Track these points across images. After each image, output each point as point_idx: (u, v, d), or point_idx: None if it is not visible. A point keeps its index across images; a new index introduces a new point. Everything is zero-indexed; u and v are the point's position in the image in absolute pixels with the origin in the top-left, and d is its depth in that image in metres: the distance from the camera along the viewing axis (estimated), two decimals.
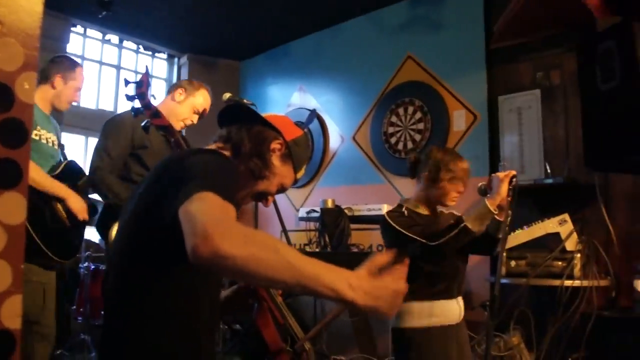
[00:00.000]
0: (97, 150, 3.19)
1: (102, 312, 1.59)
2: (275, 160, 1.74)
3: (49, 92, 3.33)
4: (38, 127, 3.18)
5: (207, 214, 1.20)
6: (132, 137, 3.14)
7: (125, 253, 1.55)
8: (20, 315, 1.03)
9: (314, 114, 3.50)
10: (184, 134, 3.30)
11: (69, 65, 3.44)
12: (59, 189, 3.12)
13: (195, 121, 3.39)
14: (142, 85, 2.18)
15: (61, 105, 3.40)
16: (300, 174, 1.83)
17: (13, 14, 0.99)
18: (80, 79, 3.46)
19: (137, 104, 2.19)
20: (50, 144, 3.30)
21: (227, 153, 1.69)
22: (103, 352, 1.56)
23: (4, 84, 0.98)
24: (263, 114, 1.83)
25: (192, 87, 3.38)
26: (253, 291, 1.90)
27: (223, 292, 2.00)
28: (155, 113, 2.18)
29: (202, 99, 3.40)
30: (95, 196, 3.41)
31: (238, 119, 1.76)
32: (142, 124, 2.21)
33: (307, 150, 1.87)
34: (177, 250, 1.23)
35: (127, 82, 2.19)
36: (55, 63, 3.39)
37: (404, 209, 2.83)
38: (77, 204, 3.17)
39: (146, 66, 2.40)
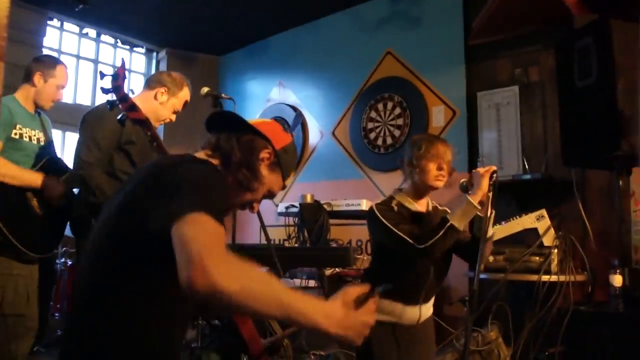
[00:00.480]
0: (83, 143, 3.05)
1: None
2: (264, 169, 1.73)
3: (30, 91, 3.34)
4: (18, 126, 3.18)
5: (203, 242, 1.22)
6: (120, 131, 3.01)
7: (101, 253, 1.53)
8: None
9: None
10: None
11: (49, 62, 3.43)
12: (34, 179, 3.12)
13: (173, 119, 3.35)
14: (118, 78, 2.15)
15: (43, 103, 3.39)
16: (288, 181, 1.83)
17: None
18: (61, 77, 3.43)
19: (112, 97, 2.15)
20: (35, 142, 3.30)
21: (215, 162, 1.67)
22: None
23: None
24: (252, 120, 1.81)
25: (174, 87, 3.28)
26: None
27: None
28: (132, 106, 2.15)
29: (184, 99, 3.34)
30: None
31: (227, 126, 1.74)
32: (118, 117, 2.18)
33: (294, 158, 1.87)
34: (159, 263, 1.27)
35: (102, 75, 2.16)
36: (35, 61, 3.41)
37: (394, 203, 2.81)
38: (52, 192, 3.15)
39: (122, 59, 2.36)
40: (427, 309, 2.86)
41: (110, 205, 1.57)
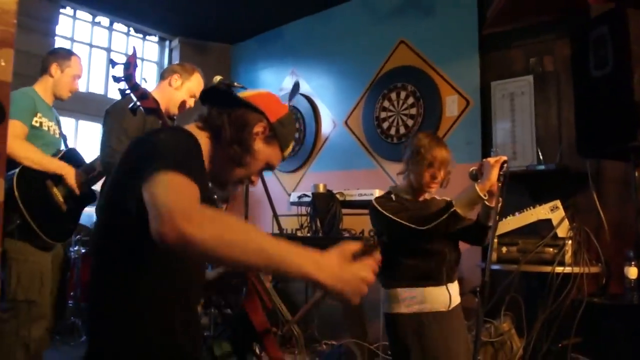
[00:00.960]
0: (112, 133, 3.07)
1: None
2: (259, 143, 1.70)
3: (48, 82, 3.49)
4: (39, 114, 3.33)
5: (170, 195, 1.20)
6: (144, 120, 3.07)
7: (100, 236, 1.55)
8: None
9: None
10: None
11: (64, 53, 3.59)
12: (57, 167, 3.27)
13: (192, 104, 3.39)
14: (130, 67, 2.14)
15: (62, 93, 3.53)
16: (287, 152, 1.81)
17: None
18: (76, 67, 3.58)
19: (124, 85, 2.15)
20: (52, 132, 3.46)
21: (205, 134, 1.66)
22: (89, 339, 1.56)
23: None
24: (248, 91, 1.79)
25: (186, 72, 3.36)
26: (241, 275, 1.87)
27: (209, 274, 1.99)
28: (143, 95, 2.14)
29: (196, 82, 3.40)
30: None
31: (220, 101, 1.72)
32: (130, 106, 2.17)
33: (293, 128, 1.83)
34: (147, 233, 1.21)
35: (114, 64, 2.15)
36: (51, 53, 3.56)
37: (392, 195, 2.85)
38: (74, 179, 3.29)
39: (134, 47, 2.36)
40: (455, 292, 2.84)
41: (108, 181, 1.59)
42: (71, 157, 3.46)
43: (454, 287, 2.84)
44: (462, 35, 5.06)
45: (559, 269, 3.58)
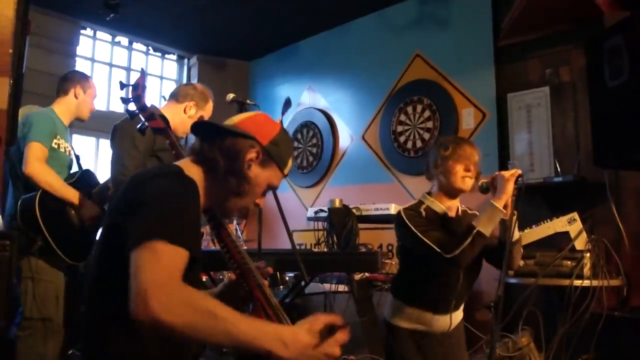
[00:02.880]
0: (124, 150, 3.11)
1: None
2: (255, 168, 1.70)
3: (71, 104, 3.60)
4: (58, 137, 3.42)
5: (150, 275, 1.27)
6: (154, 138, 3.11)
7: (93, 270, 1.59)
8: None
9: (288, 103, 3.46)
10: None
11: (83, 76, 3.72)
12: (72, 196, 3.32)
13: None
14: (138, 88, 2.16)
15: (85, 114, 3.70)
16: (287, 170, 1.80)
17: None
18: (94, 88, 3.73)
19: (131, 106, 2.17)
20: (68, 154, 3.55)
21: (200, 169, 1.67)
22: None
23: None
24: (237, 117, 1.79)
25: (202, 100, 3.40)
26: (247, 292, 1.87)
27: (215, 288, 2.00)
28: (151, 115, 2.16)
29: (210, 111, 3.47)
30: None
31: (210, 133, 1.72)
32: (138, 126, 2.19)
33: (288, 146, 1.82)
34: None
35: (122, 85, 2.17)
36: (70, 78, 3.66)
37: (422, 207, 2.77)
38: (88, 212, 3.36)
39: (142, 68, 2.39)
40: (457, 316, 2.83)
41: (107, 213, 1.62)
42: (86, 178, 3.54)
43: (458, 314, 2.83)
44: (477, 47, 5.05)
45: (577, 282, 3.53)
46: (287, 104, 3.63)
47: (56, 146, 3.40)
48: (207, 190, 1.66)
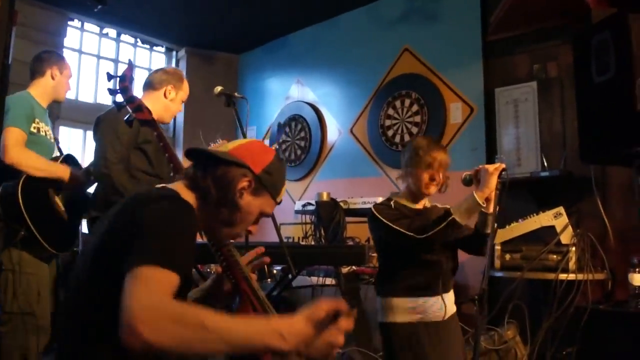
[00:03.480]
0: (106, 142, 3.12)
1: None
2: (247, 197, 1.71)
3: (48, 85, 3.47)
4: (37, 120, 3.30)
5: (138, 299, 1.25)
6: (138, 130, 3.11)
7: (81, 286, 1.56)
8: None
9: (282, 128, 3.49)
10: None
11: (59, 56, 3.61)
12: (63, 172, 3.28)
13: (181, 109, 3.56)
14: (125, 80, 2.16)
15: (61, 95, 3.57)
16: (280, 198, 1.82)
17: None
18: (69, 68, 3.61)
19: (119, 98, 2.16)
20: (48, 137, 3.44)
21: (193, 195, 1.68)
22: None
23: None
24: (231, 144, 1.80)
25: (177, 81, 3.44)
26: (234, 284, 1.88)
27: (203, 284, 2.01)
28: (138, 107, 2.16)
29: (187, 89, 3.52)
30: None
31: (203, 161, 1.73)
32: (125, 118, 2.19)
33: (282, 174, 1.83)
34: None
35: (109, 77, 2.17)
36: (45, 58, 3.52)
37: (392, 202, 2.85)
38: (78, 181, 3.33)
39: (129, 60, 2.38)
40: (450, 302, 2.87)
41: (94, 234, 1.61)
42: (69, 161, 3.47)
43: (450, 297, 2.85)
44: (465, 42, 5.06)
45: (562, 276, 3.56)
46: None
47: (36, 130, 3.29)
48: (199, 216, 1.66)
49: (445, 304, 2.79)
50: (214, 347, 1.26)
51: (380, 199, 4.28)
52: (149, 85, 3.41)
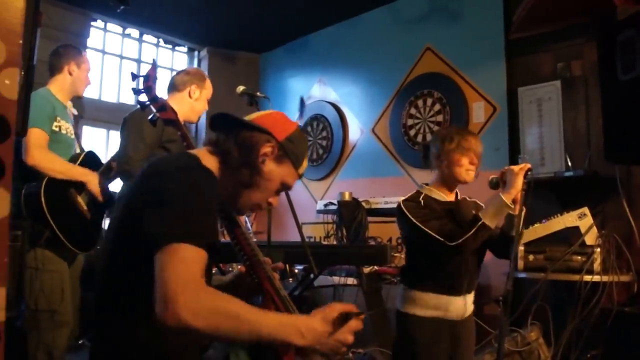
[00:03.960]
0: (130, 140, 3.16)
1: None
2: (270, 164, 1.70)
3: (66, 81, 3.48)
4: (58, 118, 3.32)
5: (174, 278, 1.31)
6: (162, 129, 3.14)
7: (106, 262, 1.60)
8: (4, 308, 1.03)
9: (303, 104, 3.48)
10: None
11: (76, 50, 3.60)
12: (81, 174, 3.29)
13: (207, 108, 3.56)
14: (149, 80, 2.17)
15: (80, 89, 3.57)
16: (302, 170, 1.80)
17: None
18: (88, 62, 3.61)
19: (143, 97, 2.18)
20: (69, 134, 3.45)
21: (215, 159, 1.68)
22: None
23: None
24: (255, 114, 1.79)
25: (200, 80, 3.47)
26: (256, 284, 1.87)
27: (224, 277, 2.02)
28: (162, 107, 2.17)
29: (210, 88, 3.54)
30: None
31: (227, 126, 1.73)
32: (149, 117, 2.20)
33: (304, 145, 1.82)
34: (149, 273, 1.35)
35: (134, 76, 2.18)
36: (62, 53, 3.52)
37: (421, 197, 2.79)
38: (97, 187, 3.31)
39: (153, 59, 2.41)
40: (470, 302, 2.84)
41: (116, 209, 1.63)
42: (91, 160, 3.48)
43: (471, 297, 2.83)
44: (488, 40, 5.01)
45: (587, 278, 3.51)
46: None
47: (57, 129, 3.31)
48: (221, 182, 1.65)
49: (466, 304, 2.78)
50: (241, 336, 1.36)
51: (401, 199, 4.28)
52: (172, 88, 3.44)
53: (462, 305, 2.76)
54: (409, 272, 2.93)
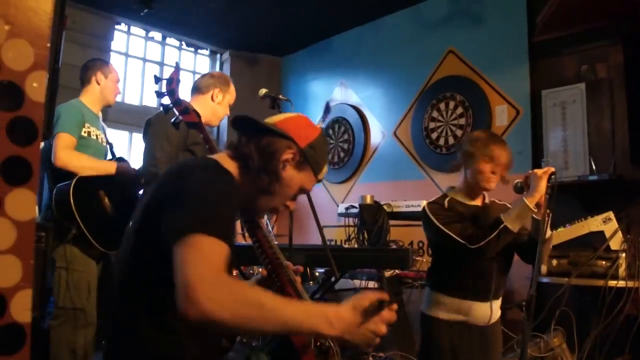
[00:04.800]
0: (156, 142, 3.16)
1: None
2: (290, 170, 1.69)
3: (95, 90, 3.61)
4: (87, 124, 3.44)
5: (196, 270, 1.26)
6: (187, 132, 3.16)
7: (125, 262, 1.59)
8: (29, 309, 1.04)
9: (328, 108, 3.43)
10: None
11: (102, 62, 3.73)
12: (107, 166, 3.41)
13: (228, 113, 3.55)
14: (172, 82, 2.18)
15: (109, 98, 3.68)
16: (322, 175, 1.79)
17: (22, 14, 0.99)
18: (115, 72, 3.72)
19: (166, 100, 2.19)
20: (100, 140, 3.56)
21: (235, 163, 1.67)
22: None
23: (14, 83, 0.99)
24: (278, 117, 1.78)
25: (224, 85, 3.48)
26: (278, 287, 1.87)
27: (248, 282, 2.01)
28: (185, 109, 2.18)
29: (234, 93, 3.55)
30: None
31: (249, 129, 1.72)
32: (172, 120, 2.21)
33: (325, 150, 1.80)
34: (169, 272, 1.30)
35: (157, 80, 2.19)
36: (89, 66, 3.66)
37: (446, 200, 2.78)
38: (125, 171, 3.44)
39: (176, 62, 2.42)
40: (497, 308, 2.82)
41: (136, 212, 1.62)
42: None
43: (497, 303, 2.81)
44: (511, 43, 4.98)
45: (612, 283, 3.47)
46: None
47: (86, 134, 3.42)
48: (240, 186, 1.65)
49: (492, 310, 2.75)
50: (267, 326, 1.30)
51: (424, 202, 4.25)
52: (196, 90, 3.46)
53: (488, 311, 2.74)
54: (433, 274, 2.92)
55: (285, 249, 3.04)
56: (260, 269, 1.97)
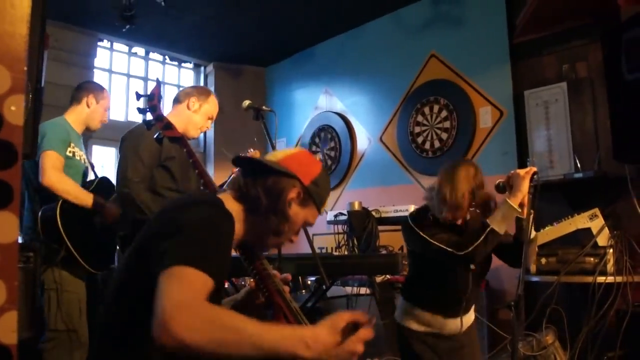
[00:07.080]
0: (128, 161, 3.10)
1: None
2: (295, 207, 1.74)
3: (83, 112, 3.60)
4: (72, 144, 3.43)
5: (174, 298, 1.27)
6: (160, 148, 3.08)
7: (115, 295, 1.59)
8: (15, 330, 1.04)
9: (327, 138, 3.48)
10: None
11: (98, 86, 3.72)
12: (88, 199, 3.34)
13: (209, 127, 3.46)
14: (154, 98, 2.19)
15: (94, 123, 3.68)
16: (324, 209, 1.84)
17: None
18: (108, 99, 3.72)
19: (148, 116, 2.19)
20: (83, 161, 3.56)
21: (240, 205, 1.70)
22: None
23: None
24: (280, 153, 1.81)
25: (203, 94, 3.42)
26: (267, 297, 1.88)
27: (237, 294, 2.02)
28: (167, 125, 2.18)
29: (213, 104, 3.47)
30: None
31: (253, 170, 1.75)
32: (155, 135, 2.21)
33: (327, 186, 1.86)
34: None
35: (138, 96, 2.20)
36: (84, 87, 3.67)
37: (429, 213, 2.80)
38: (110, 213, 3.36)
39: (157, 78, 2.42)
40: (468, 318, 2.86)
41: (136, 238, 1.63)
42: (104, 185, 3.56)
43: (469, 316, 2.86)
44: (492, 45, 5.02)
45: (600, 279, 3.49)
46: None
47: (71, 154, 3.42)
48: (245, 227, 1.69)
49: (462, 323, 2.79)
50: (244, 351, 1.28)
51: (412, 207, 4.27)
52: (175, 101, 3.43)
53: (458, 325, 2.80)
54: (409, 286, 2.95)
55: (275, 259, 3.04)
56: (250, 280, 1.98)
